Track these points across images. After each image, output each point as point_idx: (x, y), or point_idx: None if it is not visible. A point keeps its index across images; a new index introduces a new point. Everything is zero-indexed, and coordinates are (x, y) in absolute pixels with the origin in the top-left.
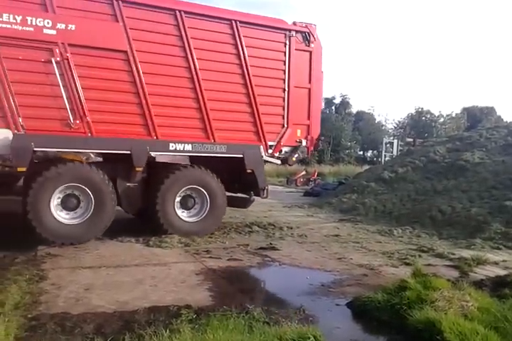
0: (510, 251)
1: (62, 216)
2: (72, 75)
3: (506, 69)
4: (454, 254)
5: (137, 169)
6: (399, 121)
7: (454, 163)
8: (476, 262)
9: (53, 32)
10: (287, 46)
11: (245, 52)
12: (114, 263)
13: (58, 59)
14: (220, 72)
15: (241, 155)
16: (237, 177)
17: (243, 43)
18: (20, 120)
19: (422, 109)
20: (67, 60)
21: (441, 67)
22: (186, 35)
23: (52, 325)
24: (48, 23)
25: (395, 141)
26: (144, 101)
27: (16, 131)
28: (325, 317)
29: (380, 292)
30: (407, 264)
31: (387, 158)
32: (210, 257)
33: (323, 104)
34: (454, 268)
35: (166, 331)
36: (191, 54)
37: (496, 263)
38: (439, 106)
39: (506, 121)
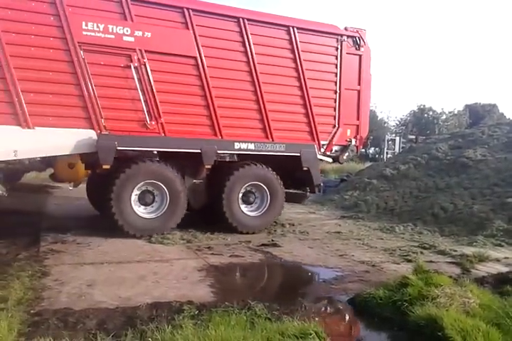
0: None
1: (140, 210)
2: (149, 79)
3: (509, 67)
4: (455, 251)
5: (206, 167)
6: (401, 119)
7: (456, 160)
8: (478, 259)
9: (132, 39)
10: (339, 50)
11: (301, 56)
12: (116, 259)
13: (136, 64)
14: (278, 75)
15: (298, 154)
16: (293, 175)
17: (299, 48)
18: (103, 121)
19: (424, 106)
20: (144, 65)
21: (444, 65)
22: (249, 41)
23: (55, 321)
24: (127, 30)
25: (397, 138)
26: (210, 103)
27: (98, 132)
28: (326, 313)
29: (382, 288)
30: (409, 261)
31: (389, 155)
32: (212, 254)
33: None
34: (456, 264)
35: (168, 327)
36: (253, 59)
37: (497, 260)
38: (441, 104)
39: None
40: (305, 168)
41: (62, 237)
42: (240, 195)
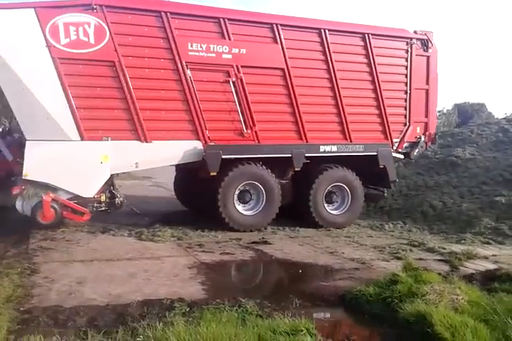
0: (500, 245)
1: (240, 208)
2: (244, 92)
3: (498, 66)
4: (444, 249)
5: (296, 169)
6: None
7: (445, 159)
8: (467, 256)
9: (229, 56)
10: (409, 53)
11: (375, 60)
12: (106, 256)
13: (234, 79)
14: (355, 80)
15: (375, 153)
16: (369, 173)
17: (374, 53)
18: (207, 132)
19: None
20: (240, 79)
21: None
22: (329, 50)
23: (44, 318)
24: (225, 48)
25: None
26: (296, 110)
27: (203, 142)
28: (317, 310)
29: (372, 285)
30: (398, 258)
31: None
32: (203, 251)
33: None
34: (445, 262)
35: (159, 324)
36: (332, 66)
37: (485, 258)
38: None
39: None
40: (381, 166)
41: (51, 234)
42: (324, 194)
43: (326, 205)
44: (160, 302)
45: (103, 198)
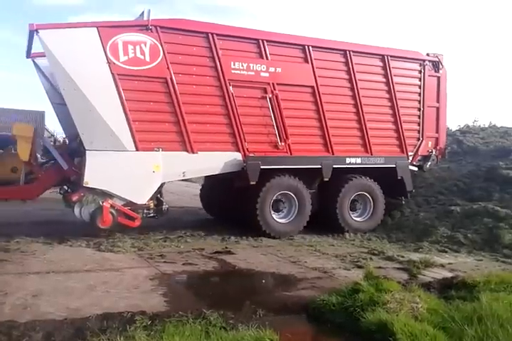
0: (456, 254)
1: (275, 216)
2: (279, 107)
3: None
4: (403, 257)
5: (325, 179)
6: None
7: None
8: (424, 265)
9: (267, 74)
10: (422, 73)
11: (393, 80)
12: (63, 268)
13: (270, 95)
14: (375, 97)
15: (394, 165)
16: (387, 184)
17: (392, 73)
18: (246, 145)
19: None
20: (276, 96)
21: None
22: (353, 70)
23: None
24: (263, 67)
25: None
26: (324, 125)
27: (243, 154)
28: (281, 320)
29: (334, 295)
30: (359, 267)
31: None
32: (165, 262)
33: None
34: (404, 270)
35: (120, 338)
36: (356, 85)
37: (442, 266)
38: None
39: (451, 129)
40: (399, 177)
41: (4, 245)
42: (349, 202)
43: (350, 212)
44: (120, 315)
45: (151, 205)
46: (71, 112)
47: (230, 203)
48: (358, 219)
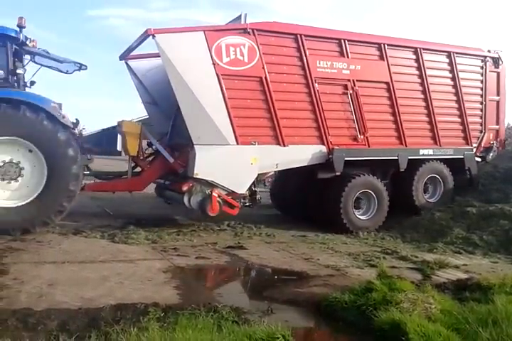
0: (471, 255)
1: (356, 213)
2: (358, 103)
3: None
4: (417, 257)
5: (401, 170)
6: None
7: None
8: (438, 265)
9: (347, 72)
10: (483, 69)
11: (459, 75)
12: (78, 258)
13: (350, 92)
14: (443, 92)
15: (462, 156)
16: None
17: (457, 69)
18: (330, 138)
19: None
20: (356, 92)
21: None
22: (423, 66)
23: (14, 321)
24: (344, 65)
25: None
26: (398, 119)
27: (327, 146)
28: (293, 316)
29: (347, 293)
30: (372, 266)
31: None
32: (178, 255)
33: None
34: (417, 270)
35: (133, 329)
36: (426, 80)
37: (456, 267)
38: None
39: None
40: (466, 168)
41: (20, 235)
42: (422, 186)
43: (425, 196)
44: (134, 306)
45: (247, 194)
46: (181, 109)
47: (306, 201)
48: (430, 200)
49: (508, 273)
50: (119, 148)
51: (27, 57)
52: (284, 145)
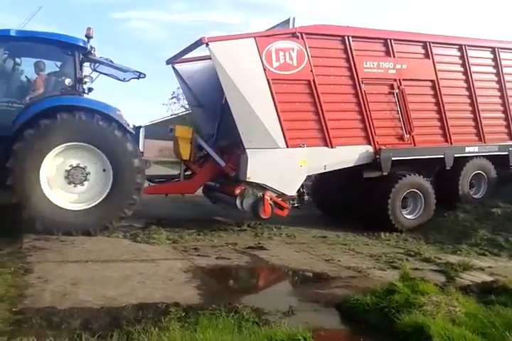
0: (496, 257)
1: (404, 213)
2: (404, 102)
3: None
4: (440, 259)
5: (448, 168)
6: None
7: None
8: (463, 268)
9: (394, 71)
10: None
11: (503, 71)
12: (101, 258)
13: (397, 91)
14: (487, 88)
15: (507, 153)
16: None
17: (501, 64)
18: (376, 138)
19: None
20: (402, 91)
21: None
22: (468, 63)
23: (38, 320)
24: (391, 65)
25: None
26: (444, 116)
27: (373, 146)
28: (314, 318)
29: (369, 294)
30: (395, 268)
31: None
32: (199, 255)
33: None
34: (441, 272)
35: (154, 329)
36: (471, 77)
37: (481, 269)
38: None
39: None
40: (511, 164)
41: (45, 234)
42: (468, 182)
43: (469, 190)
44: (155, 306)
45: (295, 196)
46: (233, 114)
47: (348, 201)
48: (475, 196)
49: None
50: (141, 148)
51: (85, 64)
52: (332, 147)
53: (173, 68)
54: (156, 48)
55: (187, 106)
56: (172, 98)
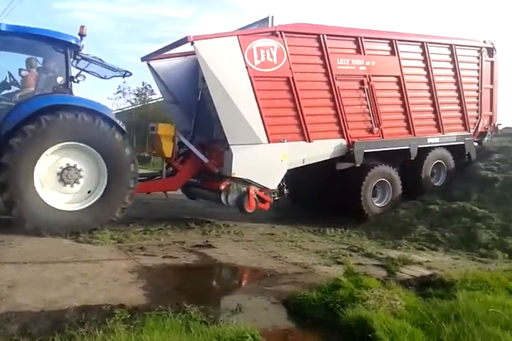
0: (433, 252)
1: (374, 201)
2: (373, 97)
3: None
4: (382, 254)
5: (412, 159)
6: None
7: None
8: (402, 262)
9: (364, 68)
10: (480, 58)
11: (459, 66)
12: (40, 259)
13: (367, 86)
14: (446, 83)
15: (463, 142)
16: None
17: (458, 60)
18: (349, 132)
19: None
20: (371, 86)
21: None
22: (429, 59)
23: None
24: (361, 62)
25: None
26: (408, 110)
27: (347, 140)
28: (262, 315)
29: (315, 290)
30: (339, 263)
31: None
32: (145, 254)
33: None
34: (382, 267)
35: (99, 331)
36: (432, 72)
37: (420, 264)
38: None
39: None
40: (466, 153)
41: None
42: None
43: (431, 178)
44: (99, 308)
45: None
46: (218, 111)
47: (320, 191)
48: (436, 184)
49: (469, 270)
50: None
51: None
52: (310, 141)
53: (149, 65)
54: (102, 41)
55: (133, 101)
56: (118, 92)
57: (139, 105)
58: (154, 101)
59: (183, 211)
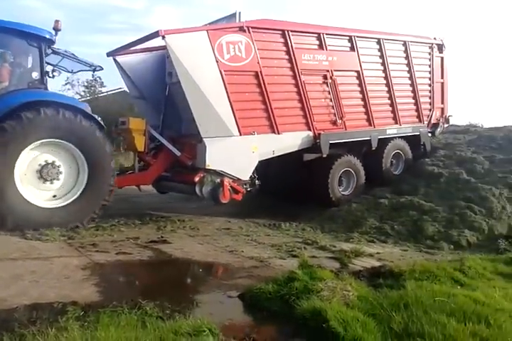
0: (383, 244)
1: (340, 189)
2: (336, 90)
3: None
4: (335, 247)
5: (373, 149)
6: None
7: None
8: (354, 254)
9: (327, 63)
10: (431, 54)
11: (412, 61)
12: None
13: (330, 81)
14: (401, 77)
15: (418, 133)
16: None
17: (411, 56)
18: (315, 124)
19: None
20: (334, 80)
21: None
22: (385, 55)
23: None
24: (324, 57)
25: None
26: (367, 103)
27: (313, 132)
28: (218, 309)
29: (271, 283)
30: (294, 256)
31: None
32: (97, 251)
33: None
34: (335, 259)
35: (51, 329)
36: (388, 67)
37: (371, 255)
38: None
39: None
40: (422, 143)
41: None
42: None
43: (391, 168)
44: (50, 306)
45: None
46: (190, 105)
47: (288, 181)
48: (395, 172)
49: (416, 261)
50: None
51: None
52: (279, 133)
53: (115, 60)
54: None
55: (82, 94)
56: (66, 84)
57: (88, 98)
58: (105, 94)
59: (136, 206)
